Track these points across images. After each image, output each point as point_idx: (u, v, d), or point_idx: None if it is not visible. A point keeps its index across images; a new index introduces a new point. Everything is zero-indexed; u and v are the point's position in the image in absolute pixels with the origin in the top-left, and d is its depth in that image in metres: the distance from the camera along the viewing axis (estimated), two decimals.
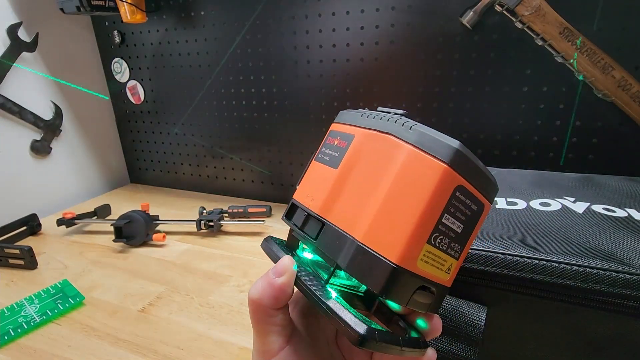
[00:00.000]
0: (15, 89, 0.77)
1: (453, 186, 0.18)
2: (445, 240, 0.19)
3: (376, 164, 0.20)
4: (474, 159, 0.19)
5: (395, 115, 0.21)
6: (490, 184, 0.20)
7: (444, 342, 0.29)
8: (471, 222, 0.19)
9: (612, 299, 0.26)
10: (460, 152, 0.18)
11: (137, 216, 0.67)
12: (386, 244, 0.18)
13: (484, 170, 0.19)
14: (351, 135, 0.22)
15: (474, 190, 0.19)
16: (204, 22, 0.79)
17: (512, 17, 0.56)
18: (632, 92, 0.53)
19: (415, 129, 0.19)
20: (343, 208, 0.21)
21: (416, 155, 0.18)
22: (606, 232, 0.31)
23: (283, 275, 0.20)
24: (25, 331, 0.47)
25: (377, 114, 0.22)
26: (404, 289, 0.18)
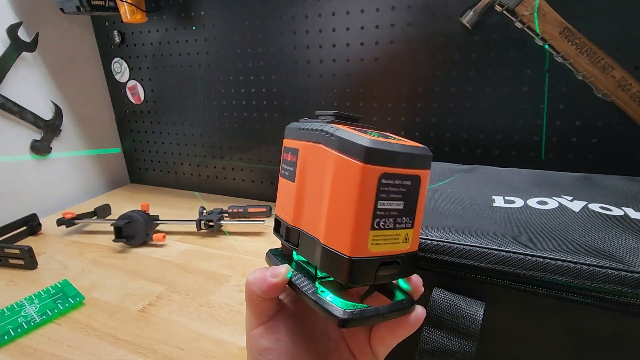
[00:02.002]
0: (15, 89, 0.77)
1: (376, 177, 0.20)
2: (389, 220, 0.21)
3: (318, 173, 0.22)
4: (387, 146, 0.20)
5: (322, 124, 0.23)
6: (416, 157, 0.21)
7: (442, 336, 0.30)
8: (411, 195, 0.21)
9: (606, 296, 0.27)
10: (369, 148, 0.19)
11: (137, 216, 0.67)
12: (339, 241, 0.20)
13: (404, 150, 0.21)
14: (296, 149, 0.24)
15: (399, 170, 0.20)
16: (204, 22, 0.79)
17: (512, 17, 0.56)
18: (632, 92, 0.53)
19: (336, 136, 0.21)
20: (308, 216, 0.23)
21: (340, 159, 0.21)
22: (601, 230, 0.31)
23: (276, 278, 0.23)
24: (25, 331, 0.47)
25: (310, 124, 0.24)
26: (366, 273, 0.21)
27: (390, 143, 0.20)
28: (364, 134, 0.21)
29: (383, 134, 0.23)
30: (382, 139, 0.21)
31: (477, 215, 0.36)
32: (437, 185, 0.44)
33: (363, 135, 0.20)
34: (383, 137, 0.21)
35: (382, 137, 0.21)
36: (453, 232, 0.33)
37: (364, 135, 0.20)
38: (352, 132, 0.21)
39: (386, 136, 0.22)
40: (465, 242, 0.31)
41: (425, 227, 0.34)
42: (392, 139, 0.22)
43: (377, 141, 0.20)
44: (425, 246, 0.32)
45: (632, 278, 0.26)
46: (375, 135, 0.22)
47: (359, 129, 0.23)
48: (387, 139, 0.21)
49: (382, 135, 0.22)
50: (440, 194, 0.41)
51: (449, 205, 0.38)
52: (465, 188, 0.43)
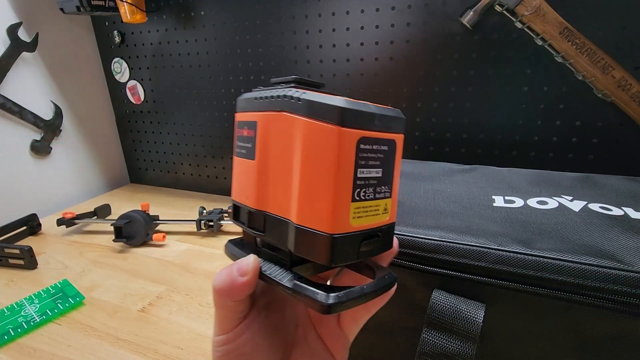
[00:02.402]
0: (15, 89, 0.77)
1: (354, 141, 0.18)
2: (370, 190, 0.19)
3: (284, 145, 0.20)
4: (363, 107, 0.19)
5: (285, 89, 0.20)
6: (391, 120, 0.20)
7: (442, 338, 0.30)
8: (389, 162, 0.20)
9: (605, 295, 0.27)
10: (346, 109, 0.18)
11: (137, 216, 0.67)
12: (317, 219, 0.19)
13: (379, 111, 0.19)
14: (254, 122, 0.22)
15: (376, 134, 0.19)
16: (204, 22, 0.79)
17: (512, 17, 0.56)
18: (632, 92, 0.53)
19: (304, 100, 0.19)
20: (275, 196, 0.21)
21: (311, 125, 0.18)
22: (601, 230, 0.31)
23: (246, 276, 0.20)
24: (25, 331, 0.47)
25: (268, 92, 0.21)
26: (348, 250, 0.19)
27: (366, 104, 0.19)
28: (333, 95, 0.19)
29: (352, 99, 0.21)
30: (355, 100, 0.19)
31: (477, 214, 0.36)
32: (437, 184, 0.44)
33: (333, 97, 0.18)
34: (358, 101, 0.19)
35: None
36: (453, 231, 0.33)
37: (334, 97, 0.18)
38: (321, 94, 0.19)
39: (361, 101, 0.21)
40: (465, 241, 0.31)
41: (425, 227, 0.34)
42: (365, 102, 0.20)
43: (352, 101, 0.18)
44: (425, 245, 0.32)
45: (632, 278, 0.26)
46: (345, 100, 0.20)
47: (327, 94, 0.21)
48: (361, 101, 0.19)
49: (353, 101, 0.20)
50: (440, 193, 0.41)
51: (449, 205, 0.38)
52: (465, 188, 0.43)
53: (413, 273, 0.33)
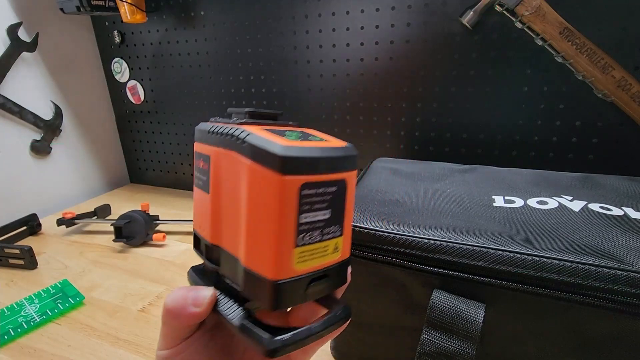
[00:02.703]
0: (15, 89, 0.77)
1: (295, 189, 0.17)
2: (316, 233, 0.19)
3: (233, 184, 0.19)
4: (306, 151, 0.18)
5: (233, 127, 0.20)
6: (339, 160, 0.19)
7: (442, 339, 0.30)
8: (338, 201, 0.19)
9: (605, 295, 0.27)
10: (285, 157, 0.17)
11: (137, 216, 0.67)
12: (261, 263, 0.18)
13: (325, 153, 0.18)
14: (208, 156, 0.21)
15: (322, 177, 0.18)
16: (204, 22, 0.79)
17: (512, 17, 0.56)
18: (632, 92, 0.53)
19: (247, 142, 0.18)
20: (227, 232, 0.20)
21: (254, 169, 0.18)
22: (601, 229, 0.31)
23: (199, 307, 0.20)
24: (25, 331, 0.47)
25: (220, 127, 0.21)
26: (293, 294, 0.19)
27: (310, 147, 0.18)
28: (280, 136, 0.18)
29: (304, 133, 0.20)
30: (300, 143, 0.18)
31: (477, 214, 0.36)
32: (437, 184, 0.44)
33: (279, 139, 0.18)
34: (302, 139, 0.19)
35: (301, 138, 0.19)
36: (453, 231, 0.33)
37: (280, 139, 0.18)
38: (266, 136, 0.18)
39: (307, 136, 0.20)
40: (465, 241, 0.31)
41: (425, 227, 0.34)
42: (313, 140, 0.19)
43: (294, 147, 0.17)
44: (425, 245, 0.32)
45: (632, 278, 0.26)
46: (294, 137, 0.19)
47: (277, 128, 0.20)
48: (307, 141, 0.18)
49: (302, 136, 0.19)
50: (440, 193, 0.41)
51: (449, 205, 0.38)
52: (465, 188, 0.43)
53: (413, 273, 0.33)
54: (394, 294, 0.35)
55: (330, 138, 0.20)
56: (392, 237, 0.33)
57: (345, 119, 0.73)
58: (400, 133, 0.70)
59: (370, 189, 0.43)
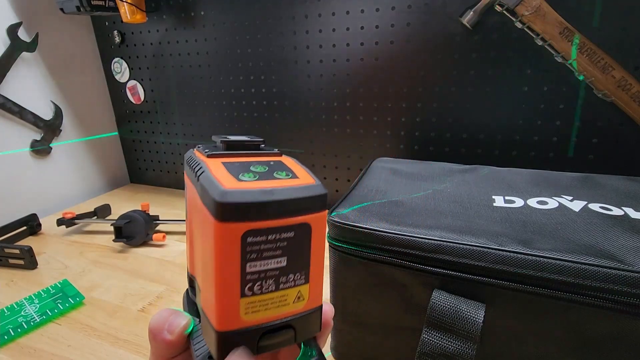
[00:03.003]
0: (15, 89, 0.77)
1: (237, 237, 0.16)
2: (268, 282, 0.17)
3: (196, 222, 0.18)
4: (251, 196, 0.16)
5: (200, 160, 0.18)
6: (297, 203, 0.16)
7: (442, 339, 0.30)
8: (299, 247, 0.17)
9: (605, 295, 0.27)
10: (222, 203, 0.15)
11: (137, 216, 0.67)
12: (209, 309, 0.17)
13: (279, 196, 0.16)
14: (185, 184, 0.20)
15: (273, 223, 0.16)
16: (204, 22, 0.79)
17: (512, 17, 0.56)
18: (632, 92, 0.53)
19: (199, 181, 0.17)
20: (197, 265, 0.19)
21: (202, 211, 0.16)
22: (601, 229, 0.31)
23: (171, 335, 0.19)
24: (25, 331, 0.47)
25: (192, 159, 0.19)
26: (242, 345, 0.17)
27: (258, 190, 0.16)
28: (233, 176, 0.16)
29: (272, 168, 0.18)
30: (251, 184, 0.16)
31: (477, 214, 0.36)
32: (437, 184, 0.44)
33: (227, 179, 0.16)
34: (260, 179, 0.17)
35: (259, 178, 0.17)
36: (453, 231, 0.33)
37: (229, 179, 0.16)
38: (216, 175, 0.16)
39: (272, 172, 0.18)
40: (465, 241, 0.31)
41: (425, 227, 0.34)
42: (273, 180, 0.17)
43: (235, 191, 0.15)
44: (425, 245, 0.32)
45: (632, 278, 0.26)
46: (250, 176, 0.17)
47: (246, 161, 0.18)
48: (262, 181, 0.16)
49: (266, 172, 0.17)
50: (441, 193, 0.41)
51: (449, 205, 0.38)
52: (465, 188, 0.43)
53: (413, 273, 0.33)
54: (394, 294, 0.35)
55: (302, 173, 0.18)
56: (392, 237, 0.33)
57: (345, 119, 0.73)
58: (400, 133, 0.70)
59: (370, 189, 0.43)
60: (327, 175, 0.79)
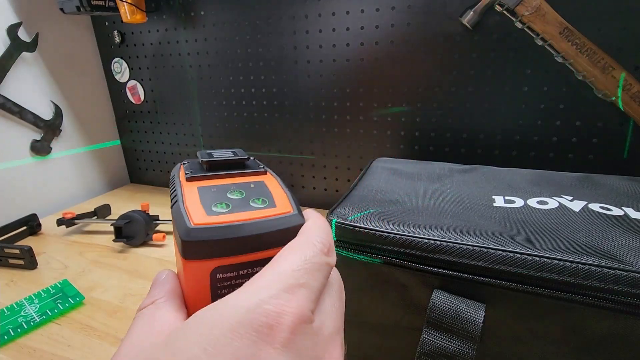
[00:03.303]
0: (15, 89, 0.77)
1: (205, 273, 0.15)
2: None
3: (174, 243, 0.18)
4: (217, 233, 0.15)
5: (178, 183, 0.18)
6: (267, 237, 0.16)
7: (442, 339, 0.30)
8: None
9: (605, 295, 0.27)
10: (188, 242, 0.14)
11: (137, 216, 0.67)
12: None
13: (246, 231, 0.15)
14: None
15: (242, 258, 0.16)
16: (204, 22, 0.79)
17: (512, 17, 0.56)
18: (632, 92, 0.53)
19: (172, 212, 0.16)
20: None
21: (174, 241, 0.17)
22: (601, 230, 0.31)
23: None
24: (25, 331, 0.47)
25: (172, 181, 0.19)
26: None
27: (226, 226, 0.15)
28: (203, 207, 0.16)
29: (249, 193, 0.17)
30: (224, 216, 0.15)
31: (477, 214, 0.36)
32: (437, 184, 0.44)
33: (196, 211, 0.15)
34: (239, 209, 0.16)
35: (239, 206, 0.16)
36: (453, 231, 0.33)
37: (197, 211, 0.15)
38: (188, 205, 0.16)
39: (248, 199, 0.17)
40: (465, 241, 0.31)
41: (425, 227, 0.34)
42: (254, 208, 0.16)
43: (203, 228, 0.15)
44: (425, 246, 0.32)
45: (632, 278, 0.26)
46: (235, 196, 0.17)
47: (224, 183, 0.18)
48: (239, 212, 0.16)
49: (242, 199, 0.17)
50: (441, 193, 0.41)
51: (449, 205, 0.38)
52: (465, 188, 0.43)
53: (413, 273, 0.33)
54: (394, 294, 0.35)
55: (280, 199, 0.17)
56: (392, 237, 0.33)
57: (345, 119, 0.73)
58: (400, 133, 0.70)
59: (370, 189, 0.43)
60: (327, 175, 0.79)
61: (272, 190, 0.18)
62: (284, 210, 0.17)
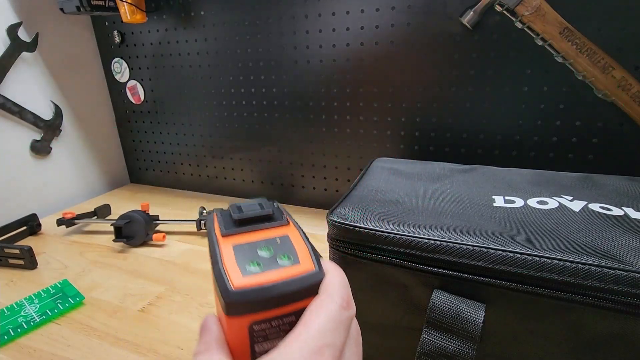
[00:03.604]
0: (15, 89, 0.77)
1: (244, 326, 0.18)
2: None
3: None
4: (255, 295, 0.18)
5: (215, 239, 0.22)
6: (295, 294, 0.19)
7: (442, 339, 0.30)
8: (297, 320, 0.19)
9: (605, 295, 0.27)
10: (230, 303, 0.17)
11: (137, 216, 0.67)
12: None
13: (278, 290, 0.18)
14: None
15: (275, 312, 0.18)
16: (204, 22, 0.79)
17: (512, 17, 0.56)
18: (632, 92, 0.53)
19: (214, 272, 0.19)
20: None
21: (216, 295, 0.19)
22: (601, 230, 0.31)
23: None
24: (25, 331, 0.47)
25: (210, 234, 0.23)
26: None
27: (261, 288, 0.18)
28: (238, 267, 0.19)
29: (277, 249, 0.20)
30: (258, 277, 0.18)
31: (477, 214, 0.36)
32: (437, 184, 0.44)
33: (234, 273, 0.18)
34: (269, 267, 0.19)
35: (269, 264, 0.19)
36: (453, 231, 0.33)
37: (235, 273, 0.18)
38: (227, 265, 0.19)
39: (276, 256, 0.20)
40: (465, 241, 0.31)
41: (425, 227, 0.34)
42: (281, 266, 0.19)
43: (242, 291, 0.18)
44: (425, 245, 0.32)
45: (632, 278, 0.26)
46: (264, 253, 0.19)
47: (254, 241, 0.21)
48: (270, 271, 0.18)
49: (274, 257, 0.19)
50: (441, 193, 0.41)
51: (449, 205, 0.38)
52: (465, 188, 0.43)
53: (413, 273, 0.33)
54: (394, 294, 0.35)
55: (304, 255, 0.20)
56: (392, 237, 0.33)
57: (345, 119, 0.73)
58: (400, 133, 0.70)
59: (370, 189, 0.43)
60: (327, 175, 0.79)
61: (296, 245, 0.21)
62: (307, 268, 0.19)
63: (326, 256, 0.66)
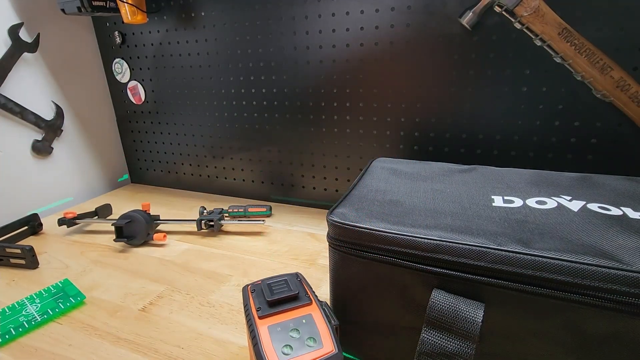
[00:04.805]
0: (16, 90, 0.77)
1: None
2: None
3: None
4: None
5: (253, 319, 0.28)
6: None
7: (441, 338, 0.30)
8: None
9: (604, 295, 0.27)
10: None
11: (138, 216, 0.67)
12: None
13: None
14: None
15: None
16: (205, 23, 0.79)
17: (511, 17, 0.56)
18: (630, 93, 0.53)
19: (256, 349, 0.26)
20: None
21: None
22: (600, 229, 0.31)
23: None
24: (26, 330, 0.47)
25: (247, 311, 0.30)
26: None
27: None
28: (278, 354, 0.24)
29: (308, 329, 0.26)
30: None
31: (476, 214, 0.36)
32: (436, 184, 0.44)
33: (273, 356, 0.24)
34: (299, 351, 0.25)
35: (299, 348, 0.25)
36: (452, 231, 0.33)
37: (273, 356, 0.24)
38: (267, 349, 0.25)
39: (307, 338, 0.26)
40: (465, 241, 0.31)
41: (424, 227, 0.34)
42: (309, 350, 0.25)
43: None
44: (424, 245, 0.32)
45: (631, 277, 0.26)
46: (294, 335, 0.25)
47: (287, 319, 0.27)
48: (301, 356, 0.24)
49: (301, 339, 0.25)
50: (440, 193, 0.42)
51: (448, 205, 0.38)
52: (464, 188, 0.43)
53: (413, 273, 0.33)
54: (394, 294, 0.35)
55: (326, 337, 0.26)
56: (392, 237, 0.33)
57: (345, 119, 0.74)
58: (400, 133, 0.70)
59: (370, 189, 0.44)
60: (327, 175, 0.79)
61: (319, 325, 0.27)
62: (329, 350, 0.25)
63: (326, 256, 0.66)
